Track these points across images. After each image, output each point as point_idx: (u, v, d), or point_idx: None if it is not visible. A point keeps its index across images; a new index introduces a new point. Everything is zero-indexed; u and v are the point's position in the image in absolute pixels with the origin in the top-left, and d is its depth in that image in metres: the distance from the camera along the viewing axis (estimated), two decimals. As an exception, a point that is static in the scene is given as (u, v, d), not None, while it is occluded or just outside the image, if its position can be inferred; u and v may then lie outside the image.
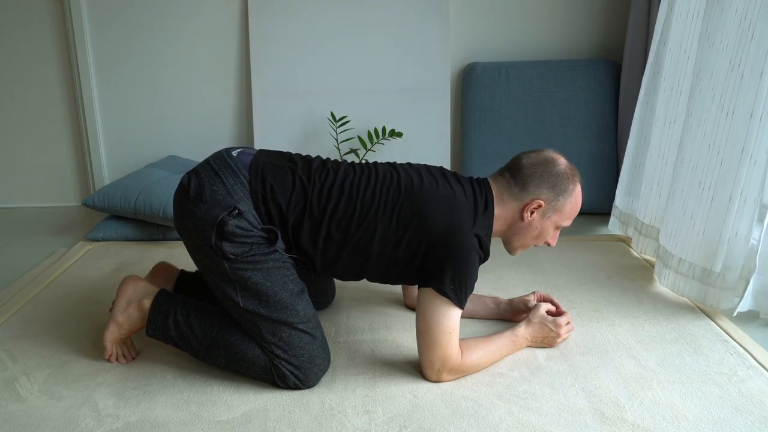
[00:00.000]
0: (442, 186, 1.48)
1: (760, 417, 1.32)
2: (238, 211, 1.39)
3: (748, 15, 1.64)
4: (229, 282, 1.40)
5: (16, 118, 2.98)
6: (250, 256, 1.39)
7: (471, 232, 1.43)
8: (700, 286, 1.81)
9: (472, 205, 1.47)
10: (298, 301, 1.43)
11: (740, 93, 1.66)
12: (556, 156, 1.52)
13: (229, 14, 2.86)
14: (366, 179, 1.48)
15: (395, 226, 1.43)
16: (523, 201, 1.49)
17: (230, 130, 2.99)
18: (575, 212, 1.54)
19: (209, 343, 1.45)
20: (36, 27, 2.86)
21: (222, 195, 1.41)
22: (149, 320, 1.49)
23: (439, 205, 1.44)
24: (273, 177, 1.45)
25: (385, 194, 1.45)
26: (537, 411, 1.35)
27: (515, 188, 1.50)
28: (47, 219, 2.85)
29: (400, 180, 1.48)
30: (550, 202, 1.49)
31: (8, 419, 1.34)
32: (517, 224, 1.52)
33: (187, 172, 1.47)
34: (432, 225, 1.42)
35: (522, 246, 1.57)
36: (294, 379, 1.42)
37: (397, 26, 2.84)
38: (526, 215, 1.49)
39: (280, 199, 1.43)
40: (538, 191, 1.48)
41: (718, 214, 1.74)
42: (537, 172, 1.49)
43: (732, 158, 1.70)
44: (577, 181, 1.52)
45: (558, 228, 1.55)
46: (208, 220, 1.38)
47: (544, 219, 1.51)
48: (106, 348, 1.54)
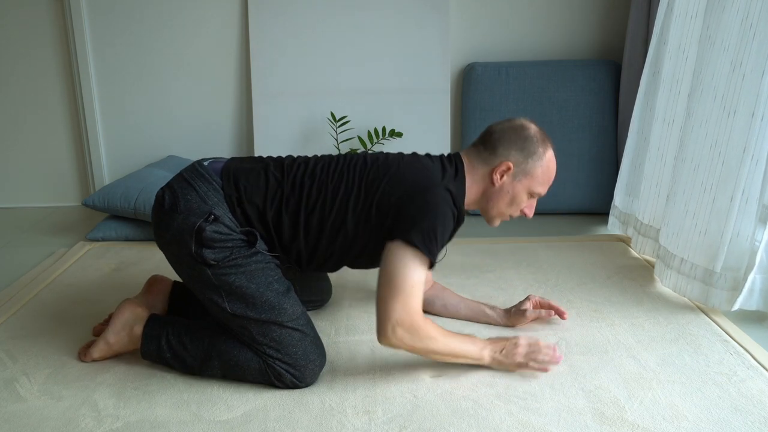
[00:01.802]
0: (408, 157, 1.52)
1: (760, 417, 1.32)
2: (214, 216, 1.40)
3: (749, 15, 1.64)
4: (214, 288, 1.41)
5: (16, 118, 2.98)
6: (231, 260, 1.39)
7: (442, 186, 1.42)
8: (702, 286, 1.81)
9: (441, 169, 1.48)
10: (285, 299, 1.43)
11: (742, 93, 1.66)
12: (527, 123, 1.52)
13: (229, 14, 2.87)
14: (335, 163, 1.50)
15: (365, 193, 1.44)
16: (492, 164, 1.49)
17: (230, 130, 2.99)
18: (548, 178, 1.52)
19: (203, 356, 1.45)
20: (36, 27, 2.86)
21: (196, 203, 1.42)
22: (143, 345, 1.49)
23: (406, 168, 1.47)
24: (246, 178, 1.46)
25: (353, 170, 1.48)
26: (537, 411, 1.35)
27: (485, 153, 1.51)
28: (47, 219, 2.85)
29: (366, 156, 1.52)
30: (519, 164, 1.48)
31: (8, 419, 1.34)
32: (489, 190, 1.51)
33: (161, 187, 1.49)
34: (400, 183, 1.43)
35: (498, 214, 1.55)
36: (290, 378, 1.42)
37: (397, 26, 2.84)
38: (495, 178, 1.49)
39: (256, 198, 1.44)
40: (507, 153, 1.48)
41: (720, 215, 1.74)
42: (506, 135, 1.50)
43: (734, 158, 1.70)
44: (549, 146, 1.51)
45: (532, 195, 1.53)
46: (185, 229, 1.39)
47: (515, 182, 1.50)
48: (85, 360, 1.56)
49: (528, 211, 1.56)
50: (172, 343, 1.47)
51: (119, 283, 2.05)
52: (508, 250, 2.32)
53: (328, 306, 1.87)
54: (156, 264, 2.22)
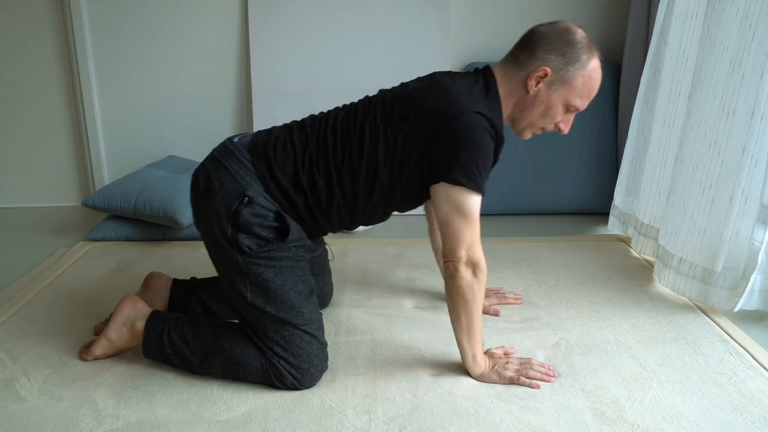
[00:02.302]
0: (427, 81, 1.42)
1: (760, 417, 1.32)
2: (249, 198, 1.38)
3: (749, 15, 1.64)
4: (241, 275, 1.40)
5: (16, 118, 2.98)
6: (264, 252, 1.39)
7: (472, 109, 1.32)
8: (702, 286, 1.81)
9: (468, 87, 1.38)
10: (306, 302, 1.43)
11: (741, 93, 1.66)
12: (574, 26, 1.38)
13: (229, 14, 2.86)
14: (354, 112, 1.44)
15: (393, 139, 1.37)
16: (528, 69, 1.37)
17: (230, 130, 2.99)
18: (589, 91, 1.40)
19: (204, 353, 1.45)
20: (36, 27, 2.86)
21: (230, 184, 1.40)
22: (144, 341, 1.49)
23: (429, 96, 1.37)
24: (273, 150, 1.43)
25: (372, 113, 1.41)
26: (537, 411, 1.35)
27: (523, 56, 1.38)
28: (47, 219, 2.85)
29: (385, 94, 1.44)
30: (558, 71, 1.36)
31: (8, 419, 1.34)
32: (522, 99, 1.40)
33: (195, 169, 1.48)
34: (427, 118, 1.34)
35: (530, 126, 1.44)
36: (291, 379, 1.42)
37: (397, 26, 2.84)
38: (530, 84, 1.37)
39: (288, 167, 1.42)
40: (546, 57, 1.35)
41: (719, 214, 1.74)
42: (548, 38, 1.36)
43: (733, 158, 1.70)
44: (594, 55, 1.38)
45: (569, 109, 1.41)
46: (221, 211, 1.39)
47: (550, 91, 1.38)
48: (86, 359, 1.56)
49: (563, 126, 1.44)
50: (173, 339, 1.47)
51: (119, 283, 2.05)
52: (508, 250, 2.32)
53: (328, 306, 1.87)
54: (156, 264, 2.22)
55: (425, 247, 2.27)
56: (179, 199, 2.39)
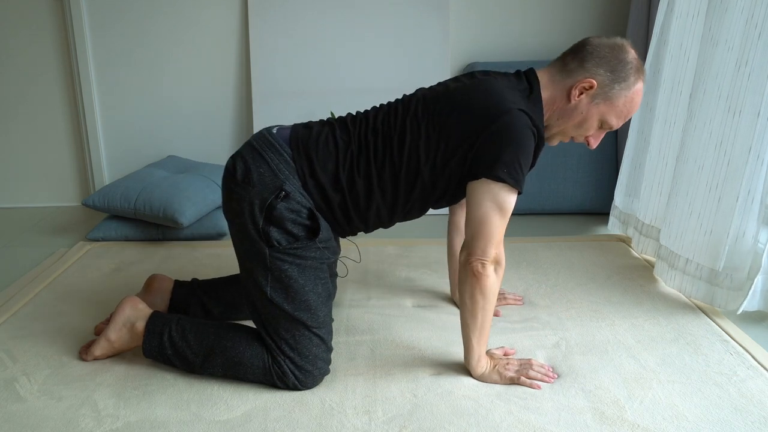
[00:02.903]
0: (469, 80, 1.41)
1: (760, 417, 1.32)
2: (285, 193, 1.38)
3: (754, 15, 1.63)
4: (264, 269, 1.40)
5: (16, 118, 2.98)
6: (292, 249, 1.39)
7: (516, 108, 1.32)
8: (708, 286, 1.81)
9: (511, 87, 1.38)
10: (322, 306, 1.43)
11: (747, 93, 1.66)
12: (628, 45, 1.39)
13: (229, 14, 2.86)
14: (394, 112, 1.43)
15: (435, 137, 1.37)
16: (575, 78, 1.38)
17: (230, 130, 2.99)
18: (627, 112, 1.40)
19: (206, 352, 1.44)
20: (36, 27, 2.86)
21: (269, 176, 1.40)
22: (145, 341, 1.49)
23: (473, 94, 1.37)
24: (315, 146, 1.42)
25: (413, 111, 1.40)
26: (537, 411, 1.35)
27: (572, 64, 1.39)
28: (47, 219, 2.85)
29: (425, 93, 1.43)
30: (603, 86, 1.36)
31: (8, 419, 1.34)
32: (561, 106, 1.40)
33: (232, 156, 1.46)
34: (470, 116, 1.34)
35: (561, 133, 1.45)
36: (294, 380, 1.42)
37: (397, 26, 2.84)
38: (573, 94, 1.38)
39: (329, 165, 1.41)
40: (596, 70, 1.36)
41: (725, 214, 1.74)
42: (602, 51, 1.37)
43: (739, 158, 1.69)
44: (641, 78, 1.39)
45: (603, 125, 1.42)
46: (257, 203, 1.38)
47: (591, 104, 1.38)
48: (86, 359, 1.56)
49: (593, 141, 1.45)
50: (174, 339, 1.47)
51: (119, 283, 2.05)
52: (508, 250, 2.32)
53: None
54: (156, 264, 2.22)
55: (425, 247, 2.27)
56: (179, 199, 2.39)
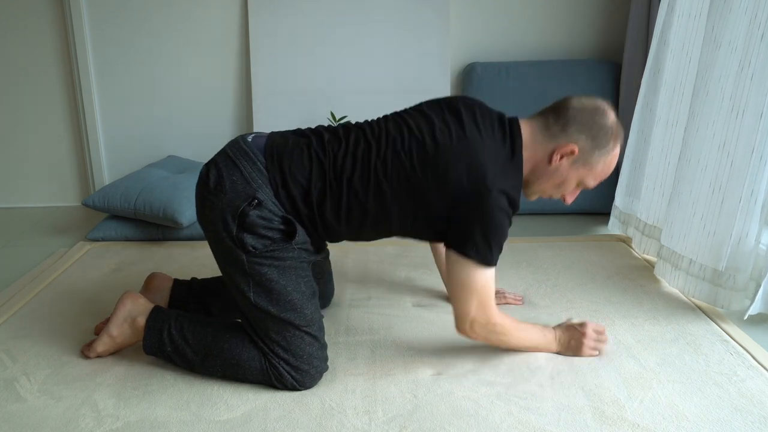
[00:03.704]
0: (458, 138, 1.38)
1: (760, 417, 1.32)
2: (258, 201, 1.38)
3: (757, 16, 1.63)
4: (244, 275, 1.40)
5: (16, 118, 2.98)
6: (269, 252, 1.39)
7: (496, 188, 1.34)
8: (711, 287, 1.80)
9: (495, 156, 1.38)
10: (308, 304, 1.43)
11: (750, 94, 1.66)
12: (608, 108, 1.41)
13: (229, 13, 2.86)
14: (376, 144, 1.41)
15: (412, 193, 1.39)
16: (557, 142, 1.40)
17: (230, 130, 2.99)
18: (605, 175, 1.45)
19: (204, 352, 1.45)
20: (36, 27, 2.86)
21: (241, 184, 1.40)
22: (145, 337, 1.49)
23: (457, 162, 1.36)
24: (289, 158, 1.42)
25: (397, 161, 1.39)
26: (537, 411, 1.35)
27: (555, 127, 1.40)
28: (47, 219, 2.85)
29: (412, 140, 1.39)
30: (584, 152, 1.40)
31: (8, 419, 1.34)
32: (542, 167, 1.43)
33: (206, 164, 1.46)
34: (451, 187, 1.36)
35: (540, 191, 1.49)
36: (291, 380, 1.42)
37: (397, 26, 2.84)
38: (555, 158, 1.40)
39: (300, 178, 1.41)
40: (578, 136, 1.38)
41: (728, 215, 1.74)
42: (584, 117, 1.39)
43: (742, 159, 1.69)
44: (619, 142, 1.42)
45: (580, 185, 1.46)
46: (229, 210, 1.38)
47: (571, 168, 1.42)
48: (89, 356, 1.56)
49: (569, 197, 1.49)
50: (173, 336, 1.46)
51: (119, 283, 2.05)
52: (508, 250, 2.32)
53: (328, 306, 1.87)
54: (156, 264, 2.22)
55: (425, 246, 2.27)
56: (179, 199, 2.39)
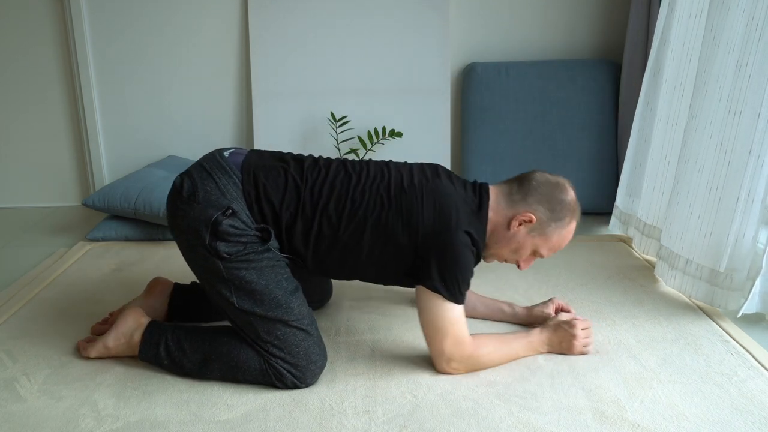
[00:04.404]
0: (433, 182, 1.48)
1: (761, 417, 1.32)
2: (232, 211, 1.39)
3: (755, 16, 1.63)
4: (224, 282, 1.40)
5: (17, 118, 2.98)
6: (243, 255, 1.39)
7: (461, 228, 1.41)
8: (708, 287, 1.81)
9: (465, 203, 1.47)
10: (293, 298, 1.43)
11: (747, 94, 1.66)
12: (569, 187, 1.51)
13: (229, 14, 2.86)
14: (357, 177, 1.48)
15: (384, 224, 1.43)
16: (517, 210, 1.48)
17: (230, 130, 2.99)
18: (558, 246, 1.51)
19: (202, 359, 1.45)
20: (36, 27, 2.86)
21: (215, 195, 1.41)
22: (141, 350, 1.50)
23: (428, 202, 1.44)
24: (265, 176, 1.45)
25: (374, 192, 1.45)
26: (537, 411, 1.34)
27: (516, 195, 1.49)
28: (47, 219, 2.85)
29: (390, 178, 1.48)
30: (541, 222, 1.47)
31: (8, 419, 1.34)
32: (501, 232, 1.49)
33: (180, 174, 1.48)
34: (420, 223, 1.42)
35: (496, 255, 1.54)
36: (291, 378, 1.42)
37: (397, 26, 2.84)
38: (513, 224, 1.47)
39: (273, 198, 1.44)
40: (537, 206, 1.47)
41: (726, 216, 1.74)
42: (544, 189, 1.48)
43: (739, 160, 1.69)
44: (576, 219, 1.50)
45: (535, 254, 1.52)
46: (202, 220, 1.39)
47: (528, 236, 1.48)
48: (82, 354, 1.57)
49: (523, 264, 1.54)
50: (170, 349, 1.47)
51: (119, 283, 2.05)
52: (509, 250, 2.32)
53: (328, 306, 1.87)
54: (156, 264, 2.22)
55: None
56: (179, 199, 2.39)
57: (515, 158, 2.74)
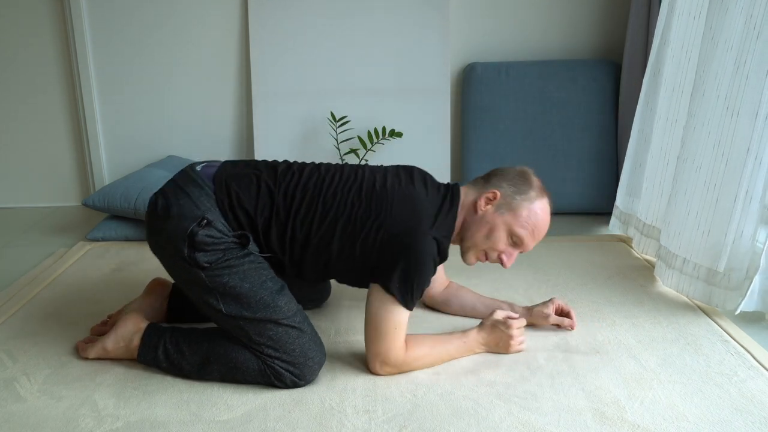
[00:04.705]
0: (405, 186, 1.49)
1: (761, 417, 1.32)
2: (207, 221, 1.41)
3: (753, 15, 1.63)
4: (209, 291, 1.41)
5: (16, 118, 2.98)
6: (224, 262, 1.40)
7: (429, 234, 1.42)
8: (705, 286, 1.81)
9: (435, 206, 1.48)
10: (279, 297, 1.43)
11: (745, 93, 1.66)
12: (532, 174, 1.54)
13: (229, 14, 2.86)
14: (330, 179, 1.49)
15: (353, 224, 1.44)
16: (482, 192, 1.50)
17: (230, 130, 2.99)
18: (532, 224, 1.48)
19: (201, 361, 1.45)
20: (36, 27, 2.86)
21: (189, 208, 1.42)
22: (140, 354, 1.50)
23: (398, 204, 1.45)
24: (238, 185, 1.47)
25: (347, 193, 1.47)
26: (537, 411, 1.34)
27: (480, 182, 1.54)
28: (47, 219, 2.85)
29: (363, 179, 1.50)
30: (506, 196, 1.48)
31: (8, 419, 1.34)
32: (471, 218, 1.50)
33: (154, 193, 1.50)
34: (389, 224, 1.43)
35: (474, 247, 1.52)
36: (290, 377, 1.42)
37: (397, 26, 2.84)
38: (480, 204, 1.48)
39: (247, 205, 1.45)
40: (499, 183, 1.50)
41: (723, 215, 1.74)
42: (506, 172, 1.53)
43: (737, 158, 1.69)
44: (544, 197, 1.51)
45: (513, 238, 1.49)
46: (178, 233, 1.40)
47: (496, 214, 1.48)
48: (80, 354, 1.57)
49: (506, 258, 1.51)
50: (169, 352, 1.47)
51: (119, 283, 2.05)
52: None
53: (328, 306, 1.87)
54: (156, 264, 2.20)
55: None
56: (179, 199, 2.39)
57: (515, 158, 2.74)
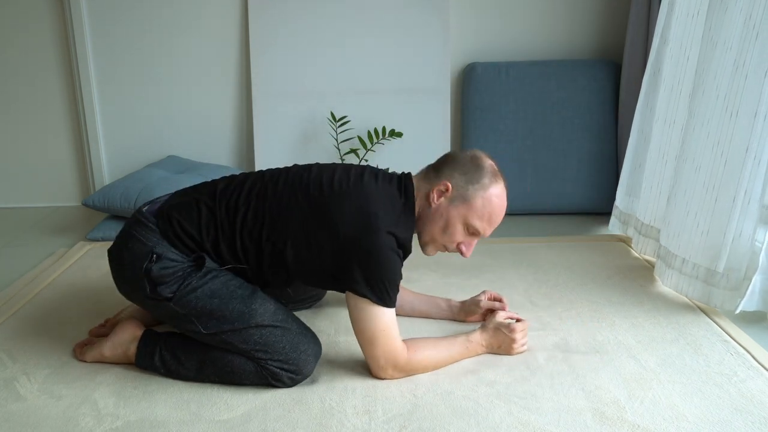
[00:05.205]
0: (354, 183, 1.44)
1: (761, 417, 1.32)
2: (157, 255, 1.41)
3: (752, 15, 1.64)
4: (184, 317, 1.42)
5: (16, 118, 2.98)
6: (187, 287, 1.41)
7: (384, 230, 1.37)
8: (704, 286, 1.81)
9: (389, 198, 1.43)
10: (252, 301, 1.43)
11: (744, 93, 1.66)
12: (484, 156, 1.47)
13: (229, 14, 2.87)
14: (273, 184, 1.46)
15: (305, 230, 1.41)
16: (433, 184, 1.45)
17: (230, 130, 3.00)
18: (488, 213, 1.44)
19: (197, 366, 1.45)
20: (36, 27, 2.86)
21: (138, 249, 1.44)
22: (137, 359, 1.51)
23: (348, 205, 1.40)
24: (179, 212, 1.47)
25: (293, 197, 1.43)
26: (537, 411, 1.35)
27: (432, 173, 1.48)
28: (47, 219, 2.85)
29: (309, 183, 1.45)
30: (458, 188, 1.43)
31: (8, 419, 1.34)
32: (425, 212, 1.46)
33: (112, 244, 1.52)
34: (340, 227, 1.38)
35: (432, 241, 1.49)
36: (286, 374, 1.42)
37: (397, 26, 2.84)
38: (432, 197, 1.44)
39: (191, 230, 1.45)
40: (450, 174, 1.44)
41: (722, 215, 1.74)
42: (456, 159, 1.47)
43: (736, 159, 1.69)
44: (498, 182, 1.45)
45: (469, 229, 1.46)
46: (136, 275, 1.42)
47: (450, 207, 1.44)
48: (78, 357, 1.57)
49: (465, 248, 1.49)
50: (165, 359, 1.47)
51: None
52: (508, 250, 2.32)
53: (328, 306, 1.86)
54: (156, 264, 2.21)
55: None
56: (179, 199, 2.39)
57: (515, 158, 2.74)
